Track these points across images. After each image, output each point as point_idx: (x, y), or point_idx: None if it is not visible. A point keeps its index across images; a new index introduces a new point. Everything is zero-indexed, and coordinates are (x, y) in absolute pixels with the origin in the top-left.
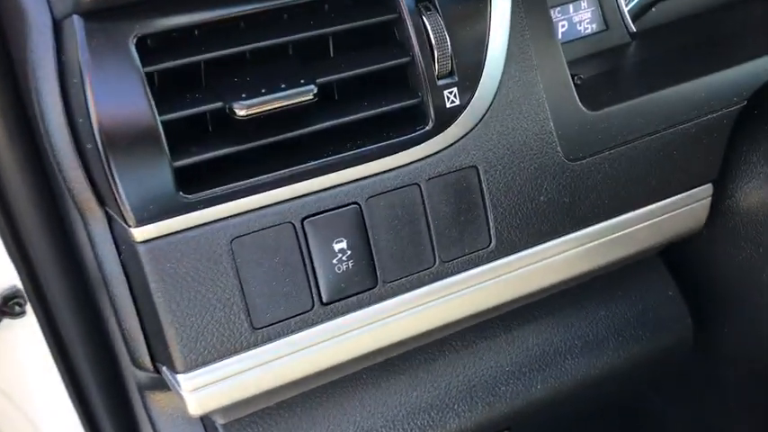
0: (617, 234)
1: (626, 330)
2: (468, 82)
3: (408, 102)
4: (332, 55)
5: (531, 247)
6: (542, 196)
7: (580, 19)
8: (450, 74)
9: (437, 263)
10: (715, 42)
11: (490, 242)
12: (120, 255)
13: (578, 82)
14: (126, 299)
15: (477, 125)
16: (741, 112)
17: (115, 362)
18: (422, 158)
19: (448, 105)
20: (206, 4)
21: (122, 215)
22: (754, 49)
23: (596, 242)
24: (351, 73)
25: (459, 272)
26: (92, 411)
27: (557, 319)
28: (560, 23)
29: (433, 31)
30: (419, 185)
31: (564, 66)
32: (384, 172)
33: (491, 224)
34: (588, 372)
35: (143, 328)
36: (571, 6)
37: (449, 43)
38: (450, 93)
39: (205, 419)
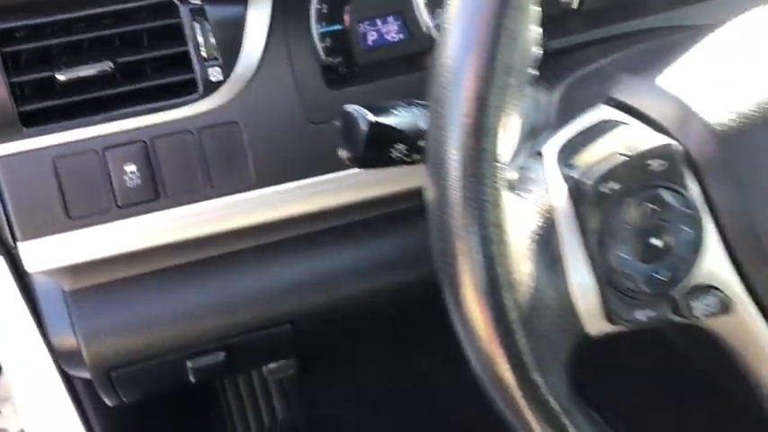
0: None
1: (389, 262)
2: (228, 64)
3: (185, 76)
4: (145, 44)
5: (286, 183)
6: (293, 148)
7: (387, 30)
8: (215, 59)
9: (208, 187)
10: None
11: (251, 177)
12: None
13: (343, 71)
14: None
15: (237, 94)
16: None
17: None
18: (194, 115)
19: (212, 79)
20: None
21: None
22: None
23: (334, 186)
24: (146, 55)
25: (225, 195)
26: None
27: (335, 247)
28: (369, 34)
29: (201, 31)
30: (192, 132)
31: (315, 56)
32: (166, 123)
33: (250, 164)
34: (357, 291)
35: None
36: (378, 21)
37: (212, 39)
38: (214, 71)
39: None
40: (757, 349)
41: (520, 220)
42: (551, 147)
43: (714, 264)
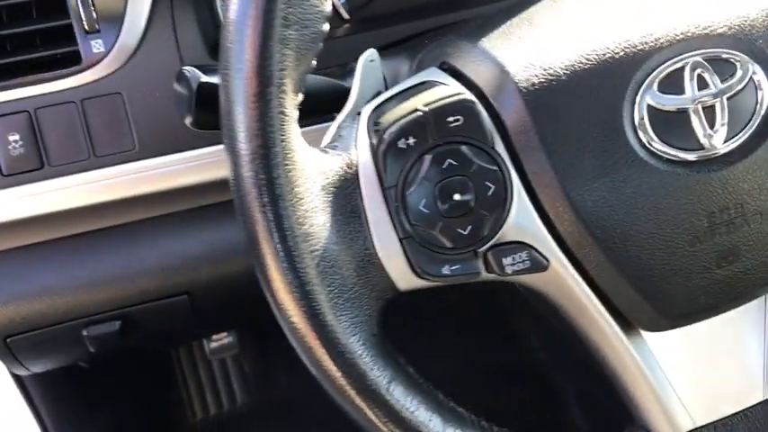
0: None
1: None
2: (110, 38)
3: (69, 48)
4: (34, 16)
5: (171, 154)
6: (177, 119)
7: None
8: (97, 31)
9: (92, 157)
10: None
11: (134, 146)
12: None
13: None
14: None
15: (121, 66)
16: None
17: None
18: (77, 86)
19: (94, 52)
20: None
21: None
22: None
23: (218, 158)
24: (29, 28)
25: (109, 165)
26: None
27: (229, 219)
28: None
29: (83, 4)
30: (75, 103)
31: (201, 28)
32: (50, 94)
33: (134, 135)
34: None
35: None
36: None
37: (94, 12)
38: (97, 43)
39: None
40: (576, 303)
41: (320, 174)
42: (368, 107)
43: (523, 220)
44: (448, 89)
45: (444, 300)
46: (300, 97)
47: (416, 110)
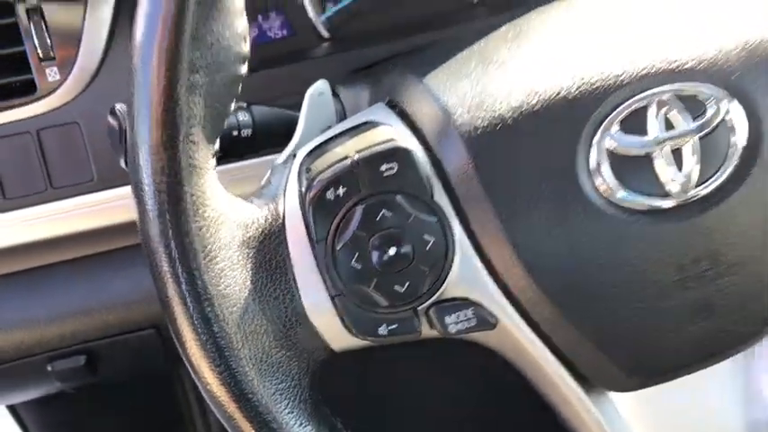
0: None
1: None
2: (66, 65)
3: (23, 77)
4: None
5: (129, 185)
6: None
7: (269, 26)
8: (52, 59)
9: (49, 188)
10: None
11: (93, 177)
12: None
13: None
14: None
15: (77, 95)
16: None
17: None
18: (33, 116)
19: (50, 80)
20: None
21: None
22: None
23: None
24: None
25: (67, 197)
26: None
27: None
28: (251, 30)
29: (36, 33)
30: (31, 133)
31: None
32: (4, 124)
33: (92, 166)
34: None
35: None
36: (260, 17)
37: (48, 41)
38: (52, 71)
39: None
40: (531, 363)
41: (240, 227)
42: (303, 150)
43: (467, 275)
44: (385, 133)
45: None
46: (216, 146)
47: (347, 157)
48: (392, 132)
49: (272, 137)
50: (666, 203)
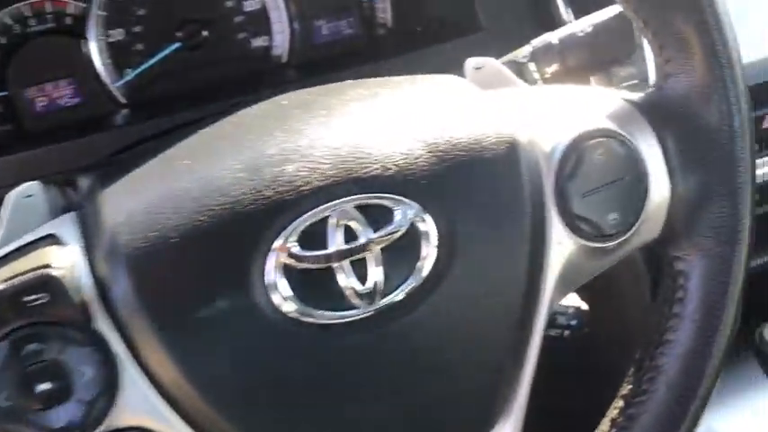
0: None
1: None
2: None
3: None
4: None
5: None
6: None
7: (60, 95)
8: None
9: None
10: None
11: None
12: None
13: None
14: None
15: None
16: None
17: None
18: None
19: None
20: None
21: None
22: None
23: None
24: None
25: None
26: None
27: None
28: (38, 101)
29: None
30: None
31: None
32: None
33: None
34: None
35: None
36: (50, 86)
37: None
38: None
39: None
40: None
41: None
42: None
43: (138, 401)
44: (41, 258)
45: None
46: None
47: None
48: (50, 257)
49: None
50: (352, 315)
